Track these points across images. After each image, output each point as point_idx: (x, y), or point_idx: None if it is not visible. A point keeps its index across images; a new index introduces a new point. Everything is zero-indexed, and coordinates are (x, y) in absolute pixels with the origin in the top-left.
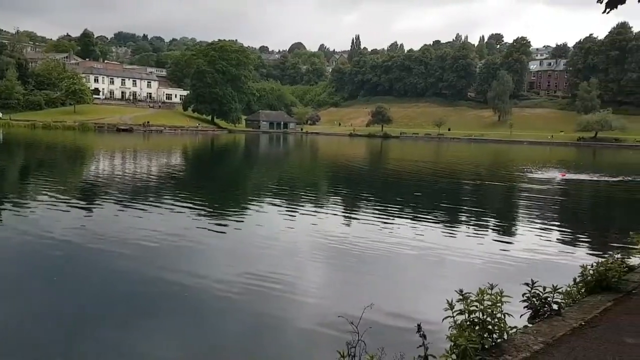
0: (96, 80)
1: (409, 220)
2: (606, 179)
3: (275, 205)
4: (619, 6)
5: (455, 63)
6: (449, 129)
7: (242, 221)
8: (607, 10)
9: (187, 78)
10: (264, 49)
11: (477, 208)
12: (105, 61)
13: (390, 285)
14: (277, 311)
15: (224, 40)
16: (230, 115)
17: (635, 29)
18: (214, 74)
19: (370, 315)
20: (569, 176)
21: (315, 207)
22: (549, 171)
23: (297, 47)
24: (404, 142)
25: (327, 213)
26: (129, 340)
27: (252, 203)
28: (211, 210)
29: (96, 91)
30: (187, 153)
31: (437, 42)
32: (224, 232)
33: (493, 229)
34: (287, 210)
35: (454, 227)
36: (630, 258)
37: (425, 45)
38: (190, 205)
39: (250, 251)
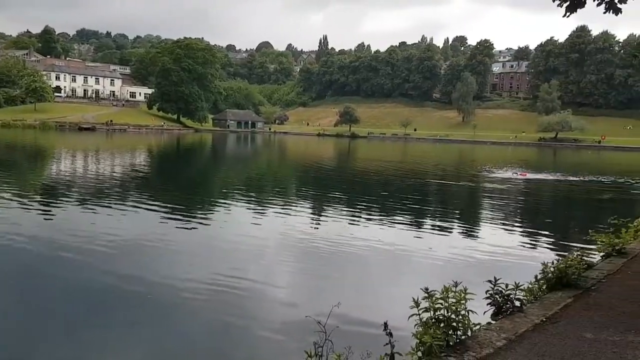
0: (57, 78)
1: (376, 220)
2: (566, 178)
3: (242, 205)
4: (578, 10)
5: (420, 64)
6: (415, 129)
7: (209, 221)
8: (567, 13)
9: (152, 76)
10: (231, 47)
11: (442, 207)
12: (67, 58)
13: (358, 284)
14: (245, 312)
15: (190, 38)
16: (197, 114)
17: (594, 33)
18: (179, 72)
19: (338, 314)
20: (530, 176)
21: (283, 207)
22: (510, 171)
23: (265, 46)
24: (371, 142)
25: (294, 213)
26: (90, 344)
27: (219, 203)
28: (177, 210)
29: (58, 89)
30: (152, 152)
31: (403, 44)
32: (190, 233)
33: (457, 228)
34: (254, 211)
35: (420, 226)
36: (589, 256)
37: (392, 46)
38: (155, 205)
39: (217, 252)
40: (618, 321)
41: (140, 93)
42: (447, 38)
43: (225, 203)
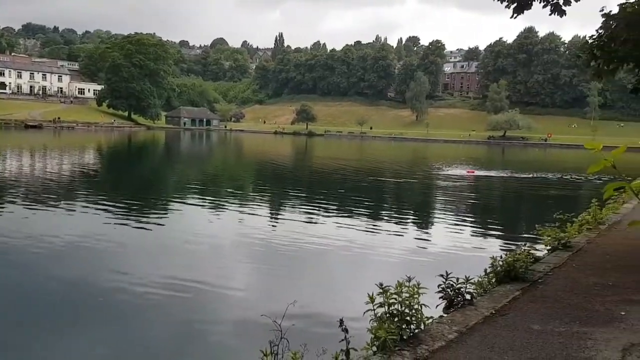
0: (2, 74)
1: (333, 218)
2: (514, 175)
3: (197, 204)
4: (525, 11)
5: (375, 64)
6: (371, 128)
7: (163, 221)
8: (515, 15)
9: (101, 72)
10: (184, 43)
11: (397, 204)
12: (13, 54)
13: (314, 281)
14: (200, 312)
15: (141, 33)
16: (149, 111)
17: (541, 34)
18: (130, 68)
19: (294, 312)
20: (479, 173)
21: (239, 205)
22: (461, 168)
23: (219, 42)
24: (328, 140)
25: (251, 211)
26: (36, 350)
27: (173, 203)
28: (129, 210)
29: (2, 85)
30: (101, 151)
31: (358, 43)
32: (143, 233)
33: (411, 224)
34: (210, 210)
35: (376, 223)
36: (536, 250)
37: (347, 45)
38: (106, 205)
39: (171, 252)
40: (563, 313)
41: (89, 89)
42: (401, 38)
43: (179, 202)
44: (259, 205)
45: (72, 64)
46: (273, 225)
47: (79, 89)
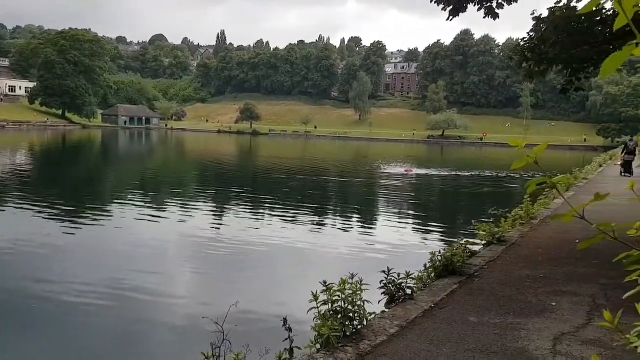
0: None
1: (277, 218)
2: (452, 173)
3: (137, 206)
4: (460, 14)
5: (319, 63)
6: (316, 127)
7: (101, 224)
8: (451, 17)
9: (33, 69)
10: (121, 39)
11: (341, 203)
12: None
13: (258, 282)
14: (140, 317)
15: (76, 29)
16: (84, 110)
17: (476, 37)
18: (64, 65)
19: (237, 313)
20: (418, 171)
21: (181, 207)
22: (400, 167)
23: (159, 39)
24: (273, 140)
25: (193, 213)
26: None
27: (112, 204)
28: (65, 214)
29: None
30: (34, 151)
31: (301, 42)
32: (80, 236)
33: (355, 222)
34: (150, 211)
35: (320, 222)
36: (473, 244)
37: (291, 44)
38: (40, 209)
39: (110, 255)
40: (498, 305)
41: (20, 87)
42: (343, 38)
43: (118, 205)
44: (202, 206)
45: (2, 60)
46: (216, 226)
47: (9, 86)
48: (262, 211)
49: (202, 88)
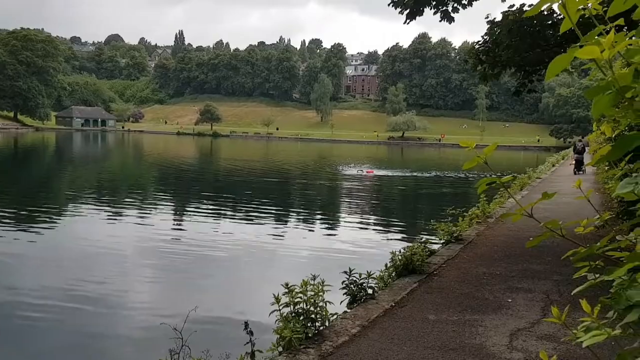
0: None
1: (239, 220)
2: (413, 174)
3: (94, 210)
4: (417, 17)
5: (280, 65)
6: (277, 129)
7: (56, 229)
8: (408, 20)
9: None
10: (75, 39)
11: (303, 205)
12: None
13: (219, 285)
14: (97, 323)
15: (28, 28)
16: (37, 112)
17: (433, 40)
18: (16, 66)
19: (196, 318)
20: (378, 172)
21: (139, 210)
22: (359, 168)
23: (115, 39)
24: (234, 141)
25: (152, 216)
26: None
27: (67, 208)
28: (17, 219)
29: None
30: None
31: (262, 43)
32: (35, 242)
33: (317, 224)
34: (107, 216)
35: (283, 224)
36: (432, 243)
37: (251, 45)
38: None
39: (66, 261)
40: (456, 302)
41: None
42: (304, 40)
43: (73, 209)
44: (160, 209)
45: None
46: (175, 230)
47: None
48: (222, 214)
49: (160, 89)
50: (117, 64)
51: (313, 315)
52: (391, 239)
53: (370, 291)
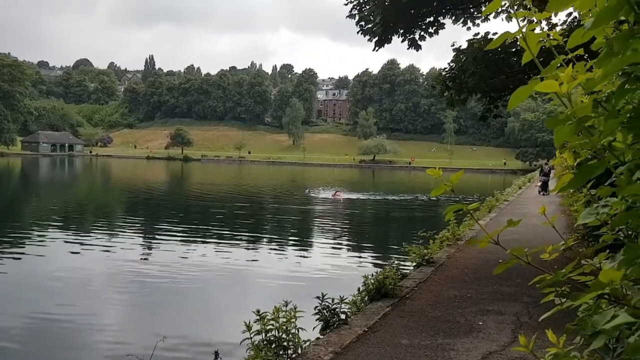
0: None
1: (209, 246)
2: (385, 198)
3: (59, 237)
4: (385, 45)
5: (251, 89)
6: (249, 152)
7: (20, 257)
8: (377, 48)
9: None
10: (43, 64)
11: (275, 230)
12: None
13: (188, 313)
14: (61, 354)
15: None
16: (2, 137)
17: (402, 66)
18: None
19: (165, 348)
20: (350, 195)
21: (107, 237)
22: (330, 191)
23: (83, 63)
24: (205, 165)
25: (120, 243)
26: None
27: (32, 236)
28: None
29: None
30: None
31: (233, 68)
32: None
33: (289, 249)
34: (74, 243)
35: (255, 249)
36: (404, 266)
37: (223, 70)
38: None
39: (30, 289)
40: (428, 326)
41: None
42: (276, 65)
43: (37, 236)
44: (128, 236)
45: None
46: (145, 257)
47: None
48: (192, 239)
49: (129, 113)
50: (86, 88)
51: (285, 343)
52: (363, 263)
53: (343, 316)
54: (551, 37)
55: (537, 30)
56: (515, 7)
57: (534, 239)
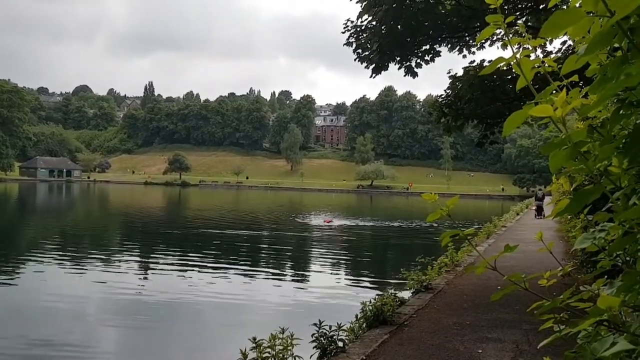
0: None
1: (206, 272)
2: (381, 223)
3: (56, 263)
4: (382, 72)
5: (250, 115)
6: (247, 177)
7: (15, 282)
8: (374, 75)
9: None
10: (43, 90)
11: (272, 255)
12: None
13: (185, 340)
14: None
15: None
16: (0, 162)
17: (399, 92)
18: None
19: None
20: (345, 222)
21: (104, 263)
22: (336, 218)
23: (83, 89)
24: (203, 191)
25: (117, 269)
26: None
27: (28, 262)
28: None
29: None
30: None
31: (232, 94)
32: None
33: (287, 276)
34: (71, 269)
35: (250, 275)
36: (402, 292)
37: (221, 96)
38: None
39: (26, 315)
40: (427, 354)
41: None
42: (274, 92)
43: (35, 261)
44: (125, 262)
45: None
46: (141, 283)
47: None
48: (188, 266)
49: (128, 139)
50: (85, 114)
51: None
52: (361, 289)
53: (340, 344)
54: (545, 64)
55: (532, 57)
56: (510, 35)
57: (532, 265)
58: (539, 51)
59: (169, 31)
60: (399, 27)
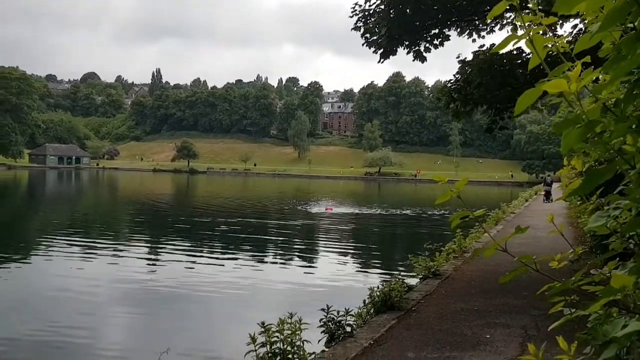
0: None
1: (214, 258)
2: (389, 210)
3: (65, 249)
4: (390, 57)
5: (257, 102)
6: (255, 165)
7: (24, 269)
8: (382, 60)
9: None
10: (51, 77)
11: (280, 241)
12: None
13: (193, 326)
14: None
15: (3, 66)
16: (10, 150)
17: (407, 78)
18: None
19: None
20: (345, 210)
21: (113, 249)
22: (343, 205)
23: (91, 77)
24: (211, 178)
25: (126, 255)
26: None
27: (38, 248)
28: None
29: None
30: None
31: (239, 81)
32: (4, 280)
33: (295, 261)
34: (80, 255)
35: (259, 260)
36: (410, 278)
37: (229, 83)
38: None
39: (34, 302)
40: (435, 339)
41: None
42: (281, 78)
43: (44, 247)
44: (134, 248)
45: None
46: (149, 269)
47: None
48: (197, 252)
49: (136, 126)
50: (93, 101)
51: (290, 355)
52: (369, 275)
53: (348, 329)
54: (557, 44)
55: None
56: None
57: (541, 251)
58: (550, 34)
59: (175, 18)
60: (407, 10)
